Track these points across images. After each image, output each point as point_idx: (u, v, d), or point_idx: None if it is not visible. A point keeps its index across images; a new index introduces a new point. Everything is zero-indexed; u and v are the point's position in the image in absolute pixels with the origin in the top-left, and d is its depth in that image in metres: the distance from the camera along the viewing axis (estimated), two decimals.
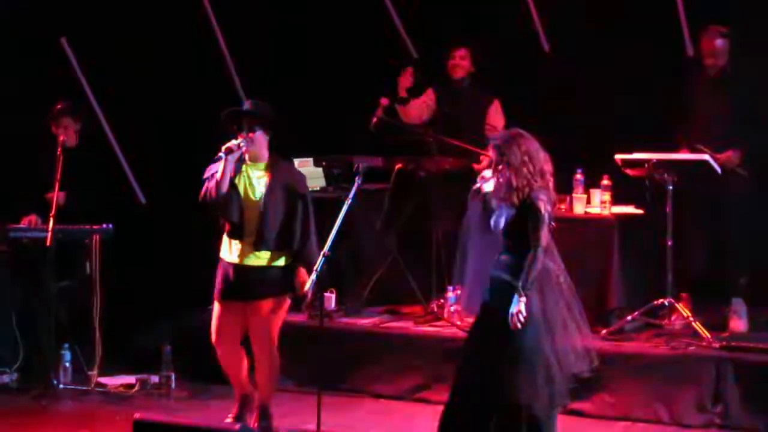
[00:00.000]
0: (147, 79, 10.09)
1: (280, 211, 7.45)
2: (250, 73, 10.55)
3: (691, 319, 8.35)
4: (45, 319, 8.74)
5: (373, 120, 9.08)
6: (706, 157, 8.29)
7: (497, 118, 9.31)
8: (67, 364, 8.88)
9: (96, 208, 8.93)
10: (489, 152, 6.67)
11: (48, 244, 8.42)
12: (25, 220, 8.93)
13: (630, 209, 8.79)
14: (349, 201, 7.31)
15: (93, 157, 9.27)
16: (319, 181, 9.68)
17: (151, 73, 10.10)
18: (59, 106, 9.21)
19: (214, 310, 7.54)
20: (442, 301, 8.94)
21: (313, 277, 7.18)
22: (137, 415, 6.11)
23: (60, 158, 8.64)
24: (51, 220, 8.47)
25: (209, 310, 7.70)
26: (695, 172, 8.42)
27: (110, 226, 8.90)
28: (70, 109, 9.22)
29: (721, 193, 8.54)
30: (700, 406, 7.94)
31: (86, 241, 8.88)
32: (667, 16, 9.49)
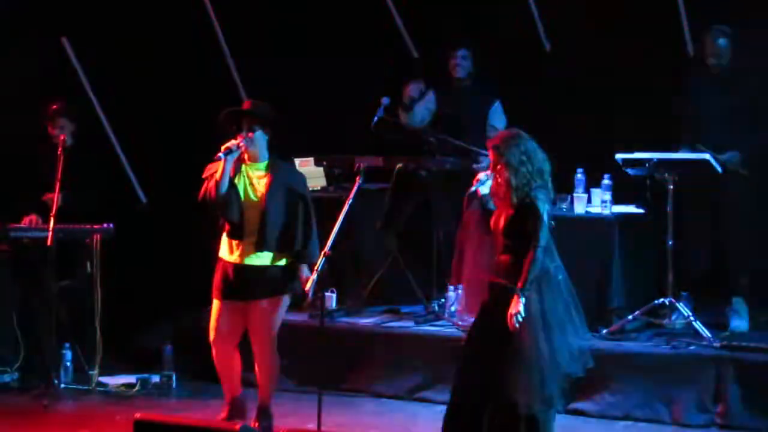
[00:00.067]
0: (147, 79, 10.08)
1: (281, 211, 7.44)
2: (250, 73, 10.55)
3: (692, 318, 8.35)
4: (45, 318, 8.73)
5: (374, 119, 9.06)
6: (706, 156, 8.30)
7: (498, 118, 9.31)
8: (68, 364, 8.89)
9: (96, 208, 8.93)
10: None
11: (48, 243, 8.41)
12: (26, 220, 8.93)
13: (631, 209, 8.79)
14: (350, 201, 7.31)
15: (93, 157, 9.26)
16: (320, 180, 9.67)
17: (151, 73, 10.09)
18: (55, 107, 9.20)
19: (213, 309, 7.54)
20: (443, 300, 8.94)
21: (313, 277, 7.18)
22: (138, 415, 6.10)
23: (61, 158, 8.63)
24: (51, 220, 8.46)
25: (209, 309, 7.71)
26: (696, 171, 8.43)
27: (111, 225, 8.91)
28: (65, 109, 9.21)
29: (722, 193, 8.55)
30: (700, 405, 7.94)
31: (87, 241, 8.88)
32: (667, 16, 9.49)
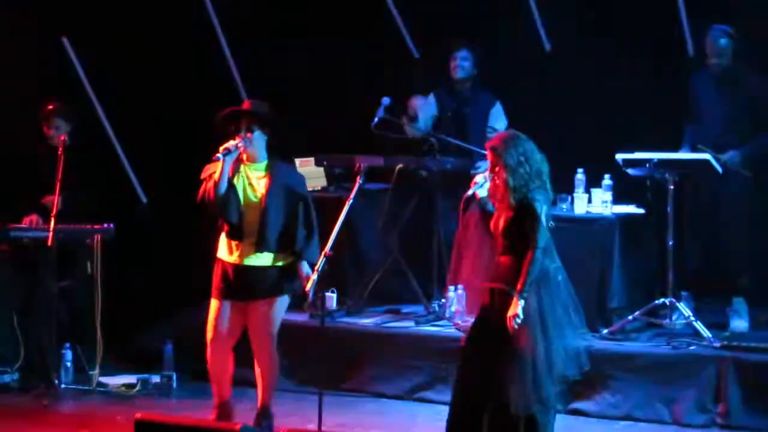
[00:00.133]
0: (147, 79, 10.08)
1: (281, 212, 7.42)
2: (251, 73, 10.55)
3: (692, 318, 8.35)
4: (46, 318, 8.73)
5: (374, 119, 9.05)
6: (707, 156, 8.30)
7: (498, 120, 9.30)
8: (68, 364, 8.89)
9: (96, 208, 8.92)
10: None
11: (49, 243, 8.40)
12: (26, 220, 8.92)
13: (631, 209, 8.79)
14: (351, 201, 7.31)
15: (92, 157, 9.24)
16: (321, 180, 9.66)
17: (151, 73, 10.09)
18: (50, 107, 9.18)
19: (212, 309, 7.50)
20: (443, 301, 8.94)
21: (314, 277, 7.17)
22: (138, 415, 6.09)
23: (61, 158, 8.62)
24: (52, 220, 8.46)
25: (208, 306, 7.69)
26: (696, 171, 8.43)
27: (111, 225, 8.90)
28: (61, 109, 9.19)
29: (722, 193, 8.55)
30: (700, 405, 7.94)
31: (87, 241, 8.87)
32: (667, 16, 9.49)
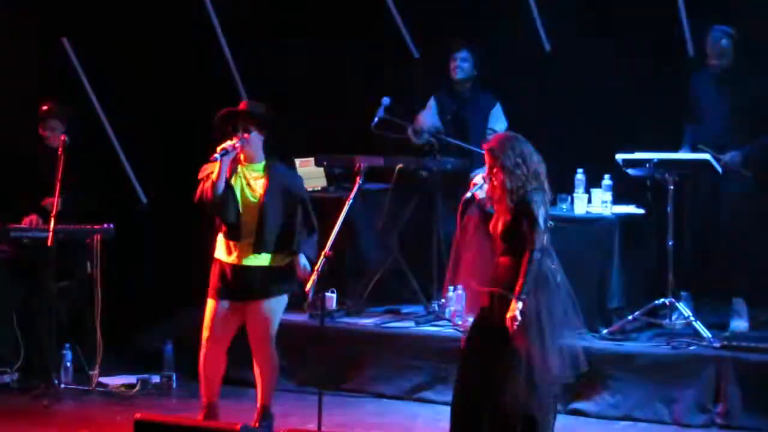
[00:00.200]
0: (147, 79, 10.08)
1: (279, 212, 7.42)
2: (250, 73, 10.54)
3: (692, 318, 8.35)
4: (45, 319, 8.73)
5: (374, 119, 9.05)
6: (707, 156, 8.30)
7: (498, 122, 9.29)
8: (68, 364, 8.88)
9: (95, 208, 8.92)
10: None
11: (49, 244, 8.40)
12: (26, 220, 8.92)
13: (631, 209, 8.79)
14: (351, 201, 7.31)
15: (90, 157, 9.24)
16: (321, 180, 9.66)
17: (151, 73, 10.09)
18: (46, 108, 9.18)
19: (209, 309, 7.48)
20: (443, 301, 8.94)
21: (314, 277, 7.17)
22: (138, 415, 6.10)
23: (61, 159, 8.61)
24: (52, 220, 8.45)
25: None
26: (696, 172, 8.43)
27: (111, 225, 8.90)
28: (57, 110, 9.19)
29: (722, 193, 8.54)
30: (700, 405, 7.94)
31: (87, 241, 8.87)
32: (667, 16, 9.48)
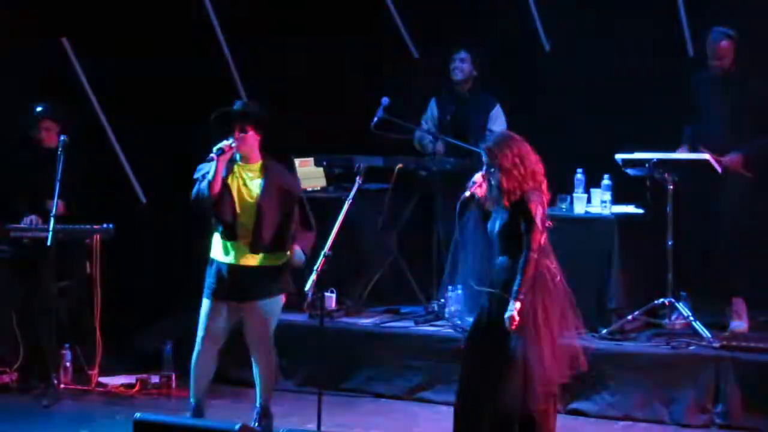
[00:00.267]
0: (147, 79, 10.07)
1: (276, 212, 7.42)
2: (250, 73, 10.54)
3: (692, 318, 8.35)
4: (45, 318, 8.72)
5: (374, 119, 9.05)
6: (706, 156, 8.30)
7: (497, 123, 9.29)
8: (68, 364, 8.88)
9: (95, 209, 8.93)
10: None
11: (48, 244, 8.41)
12: (26, 220, 8.92)
13: (630, 209, 8.79)
14: (350, 201, 7.31)
15: (85, 157, 9.23)
16: (320, 180, 9.66)
17: (151, 73, 10.08)
18: (40, 109, 9.15)
19: (205, 309, 7.48)
20: (443, 301, 8.94)
21: (313, 277, 7.17)
22: (138, 415, 6.10)
23: (61, 158, 8.60)
24: (51, 220, 8.46)
25: None
26: (696, 172, 8.43)
27: (111, 225, 8.91)
28: (50, 111, 9.18)
29: (722, 193, 8.54)
30: (700, 405, 7.94)
31: (86, 241, 8.87)
32: (667, 16, 9.48)
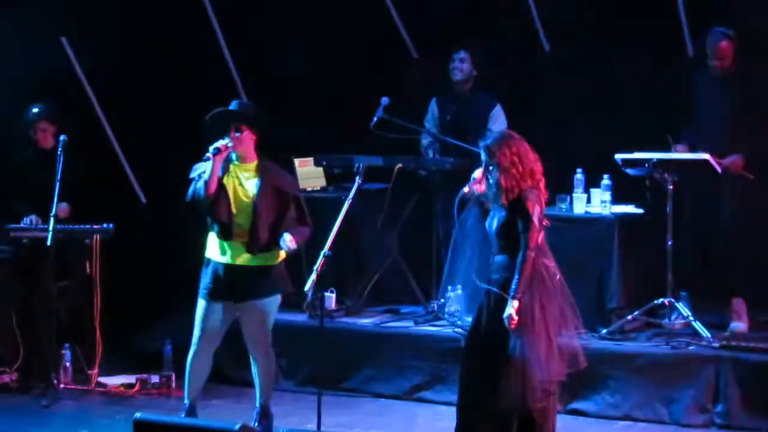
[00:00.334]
0: (147, 79, 10.07)
1: (272, 212, 7.42)
2: (250, 73, 10.54)
3: (692, 318, 8.35)
4: (45, 319, 8.73)
5: (374, 119, 9.05)
6: (706, 156, 8.29)
7: (497, 123, 9.28)
8: (68, 364, 8.89)
9: (94, 209, 8.93)
10: None
11: (48, 243, 8.41)
12: (26, 220, 8.92)
13: (630, 209, 8.79)
14: (350, 201, 7.31)
15: (92, 157, 9.23)
16: (320, 180, 9.66)
17: (151, 73, 10.08)
18: (36, 110, 9.15)
19: (201, 309, 7.47)
20: (442, 300, 8.93)
21: (313, 277, 7.17)
22: (137, 415, 6.10)
23: (61, 159, 8.59)
24: (51, 220, 8.46)
25: None
26: (695, 172, 8.43)
27: (110, 225, 8.91)
28: (47, 112, 9.17)
29: (722, 193, 8.54)
30: (700, 405, 7.95)
31: (86, 241, 8.88)
32: (668, 16, 9.48)
